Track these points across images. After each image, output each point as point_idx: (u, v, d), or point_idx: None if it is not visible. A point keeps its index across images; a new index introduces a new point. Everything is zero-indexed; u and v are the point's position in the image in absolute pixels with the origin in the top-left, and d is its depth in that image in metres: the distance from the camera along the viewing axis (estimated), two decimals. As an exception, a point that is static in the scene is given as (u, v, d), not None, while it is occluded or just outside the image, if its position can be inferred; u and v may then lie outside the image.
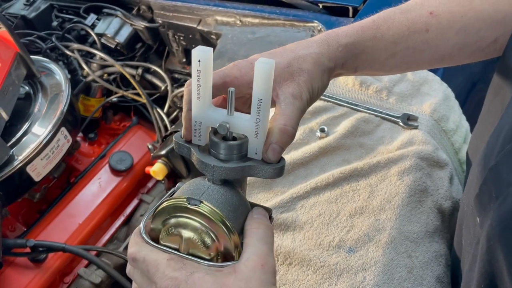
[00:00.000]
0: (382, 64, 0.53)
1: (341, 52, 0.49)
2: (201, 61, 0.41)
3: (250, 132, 0.43)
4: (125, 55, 1.27)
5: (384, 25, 0.52)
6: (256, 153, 0.44)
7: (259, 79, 0.40)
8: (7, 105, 0.95)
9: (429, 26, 0.51)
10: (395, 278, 0.58)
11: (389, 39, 0.51)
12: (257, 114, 0.42)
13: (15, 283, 0.93)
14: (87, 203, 1.07)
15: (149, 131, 1.24)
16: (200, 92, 0.42)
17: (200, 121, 0.43)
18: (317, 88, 0.46)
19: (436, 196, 0.69)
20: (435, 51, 0.52)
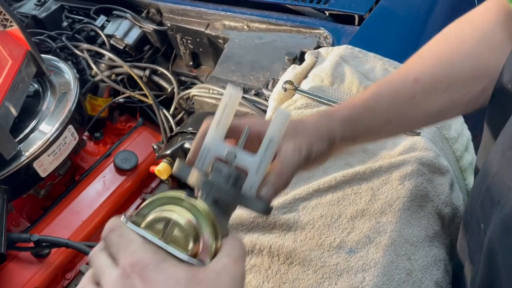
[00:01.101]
0: (379, 131, 0.57)
1: (338, 126, 0.54)
2: (231, 97, 0.47)
3: (253, 166, 0.46)
4: (133, 56, 1.29)
5: (373, 98, 0.56)
6: (251, 190, 0.46)
7: (275, 122, 0.46)
8: (17, 102, 0.96)
9: (415, 91, 0.55)
10: (395, 279, 0.59)
11: (380, 110, 0.55)
12: (264, 152, 0.46)
13: (18, 277, 0.94)
14: (91, 200, 1.08)
15: (154, 132, 1.25)
16: (220, 122, 0.47)
17: (210, 148, 0.47)
18: (316, 151, 0.51)
19: (437, 202, 0.70)
20: (426, 112, 0.56)
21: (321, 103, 0.85)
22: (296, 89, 0.87)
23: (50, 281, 0.98)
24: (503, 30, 0.54)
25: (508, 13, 0.53)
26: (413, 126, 0.60)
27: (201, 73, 1.29)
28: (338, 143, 0.54)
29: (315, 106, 0.85)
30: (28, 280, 0.94)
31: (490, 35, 0.55)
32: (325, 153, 0.53)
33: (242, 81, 1.05)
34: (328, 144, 0.53)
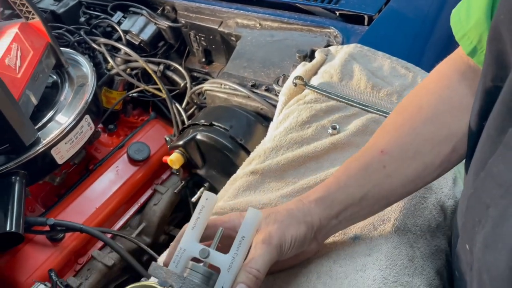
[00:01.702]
0: (359, 206, 0.56)
1: (314, 207, 0.54)
2: (207, 200, 0.52)
3: (225, 265, 0.49)
4: (148, 52, 1.33)
5: (343, 175, 0.57)
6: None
7: (247, 220, 0.51)
8: (37, 91, 1.00)
9: (384, 162, 0.56)
10: (397, 264, 0.62)
11: (353, 185, 0.55)
12: (236, 249, 0.50)
13: (33, 260, 0.98)
14: (104, 189, 1.12)
15: (166, 126, 1.29)
16: (196, 224, 0.51)
17: (185, 249, 0.51)
18: (290, 237, 0.51)
19: (440, 194, 0.73)
20: (401, 179, 0.56)
21: (330, 98, 0.88)
22: (306, 84, 0.91)
23: (64, 264, 1.01)
24: (460, 88, 0.55)
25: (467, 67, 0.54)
26: (393, 197, 0.59)
27: (213, 69, 1.33)
28: (319, 226, 0.54)
29: (324, 101, 0.88)
30: (42, 263, 0.98)
31: (446, 97, 0.56)
32: (305, 238, 0.53)
33: (253, 77, 1.09)
34: (306, 227, 0.53)
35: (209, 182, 1.04)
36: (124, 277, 1.10)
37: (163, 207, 1.15)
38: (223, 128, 0.98)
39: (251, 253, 0.50)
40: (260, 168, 0.78)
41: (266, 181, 0.77)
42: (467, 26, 0.50)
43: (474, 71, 0.54)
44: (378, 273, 0.60)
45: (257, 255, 0.49)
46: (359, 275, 0.60)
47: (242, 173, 0.79)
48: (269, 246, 0.50)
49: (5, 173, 0.93)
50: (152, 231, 1.14)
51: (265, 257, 0.49)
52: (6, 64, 0.92)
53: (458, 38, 0.52)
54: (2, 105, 0.85)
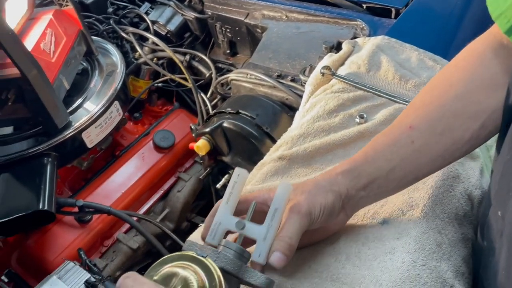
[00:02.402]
0: (387, 180, 0.57)
1: (341, 178, 0.55)
2: (239, 176, 0.55)
3: (261, 235, 0.51)
4: (174, 43, 1.35)
5: (371, 150, 0.58)
6: (260, 257, 0.51)
7: (278, 193, 0.53)
8: (69, 76, 1.03)
9: (413, 137, 0.56)
10: (426, 248, 0.62)
11: (381, 158, 0.56)
12: (270, 220, 0.52)
13: (61, 240, 1.01)
14: (130, 175, 1.14)
15: (190, 115, 1.31)
16: (229, 199, 0.54)
17: (220, 222, 0.53)
18: (319, 205, 0.53)
19: (467, 184, 0.73)
20: (429, 154, 0.57)
21: (357, 88, 0.89)
22: (333, 74, 0.91)
23: (90, 246, 1.04)
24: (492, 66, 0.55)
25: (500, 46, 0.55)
26: (421, 172, 0.59)
27: (237, 61, 1.34)
28: (347, 195, 0.55)
29: (352, 91, 0.89)
30: (70, 243, 1.01)
31: (477, 74, 0.56)
32: (334, 206, 0.54)
33: (279, 68, 1.10)
34: (334, 195, 0.54)
35: (234, 169, 1.06)
36: (147, 261, 1.12)
37: (186, 194, 1.17)
38: (250, 116, 0.99)
39: (283, 223, 0.52)
40: (287, 154, 0.79)
41: (293, 167, 0.78)
42: (504, 5, 0.51)
43: (508, 50, 0.54)
44: (407, 256, 0.61)
45: (288, 224, 0.51)
46: (388, 257, 0.60)
47: (269, 159, 0.81)
48: (299, 214, 0.52)
49: (37, 154, 0.96)
50: (175, 218, 1.16)
51: (296, 225, 0.51)
52: (41, 48, 0.95)
53: (494, 17, 0.52)
54: (38, 87, 0.88)
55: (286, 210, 0.53)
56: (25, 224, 0.90)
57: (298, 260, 0.63)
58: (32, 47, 0.93)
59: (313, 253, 0.64)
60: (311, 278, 0.61)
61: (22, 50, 0.85)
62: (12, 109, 0.93)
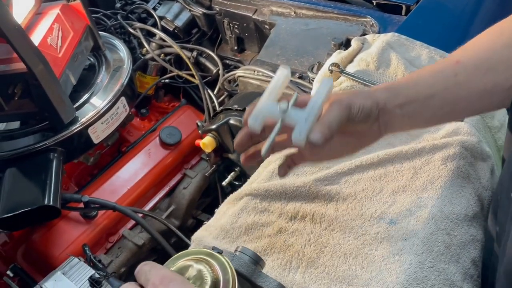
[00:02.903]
0: (424, 105, 0.58)
1: (380, 92, 0.57)
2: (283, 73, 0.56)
3: (302, 117, 0.53)
4: (181, 38, 1.34)
5: (414, 74, 0.59)
6: (300, 134, 0.52)
7: (321, 86, 0.55)
8: (76, 71, 1.03)
9: (457, 71, 0.57)
10: (434, 250, 0.61)
11: (423, 84, 0.57)
12: (312, 106, 0.53)
13: (67, 235, 1.01)
14: (136, 171, 1.14)
15: (197, 112, 1.30)
16: (272, 91, 0.55)
17: (263, 107, 0.54)
18: (358, 103, 0.55)
19: (477, 185, 0.72)
20: (469, 91, 0.57)
21: (366, 86, 0.88)
22: (342, 71, 0.90)
23: (95, 242, 1.04)
24: None
25: None
26: (458, 108, 0.60)
27: (245, 58, 1.33)
28: (383, 107, 0.56)
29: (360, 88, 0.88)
30: (75, 239, 1.01)
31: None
32: (371, 111, 0.55)
33: (287, 64, 1.09)
34: (372, 102, 0.55)
35: (240, 166, 1.05)
36: (152, 258, 1.12)
37: (192, 191, 1.16)
38: (256, 114, 0.98)
39: (323, 112, 0.54)
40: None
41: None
42: None
43: None
44: (415, 257, 0.60)
45: (328, 112, 0.53)
46: (395, 259, 0.59)
47: (275, 157, 0.80)
48: (339, 106, 0.53)
49: (43, 149, 0.95)
50: (181, 214, 1.15)
51: (336, 114, 0.53)
52: (48, 43, 0.95)
53: None
54: (44, 82, 0.87)
55: (326, 104, 0.54)
56: (30, 219, 0.90)
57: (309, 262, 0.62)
58: (39, 42, 0.93)
59: (322, 252, 0.63)
60: (319, 279, 0.60)
61: (29, 45, 0.85)
62: (18, 104, 0.92)
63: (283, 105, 0.53)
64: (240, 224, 0.71)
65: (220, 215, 0.76)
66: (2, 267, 1.03)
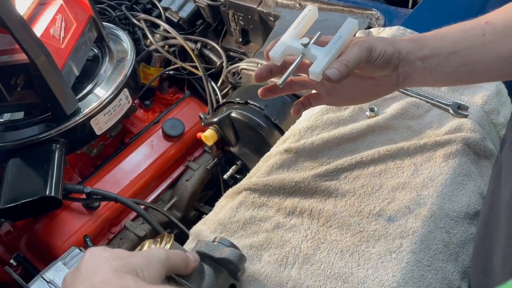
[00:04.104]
0: (447, 61, 0.57)
1: (405, 42, 0.57)
2: (310, 11, 0.58)
3: (322, 53, 0.54)
4: (186, 30, 1.34)
5: (442, 30, 0.59)
6: (317, 68, 0.53)
7: (345, 25, 0.56)
8: (78, 62, 1.03)
9: (485, 31, 0.56)
10: (432, 249, 0.61)
11: (449, 40, 0.57)
12: (333, 44, 0.54)
13: (69, 225, 1.02)
14: (139, 162, 1.14)
15: (201, 104, 1.30)
16: (297, 27, 0.57)
17: (285, 41, 0.56)
18: (380, 48, 0.55)
19: (479, 182, 0.71)
20: (493, 52, 0.57)
21: (369, 80, 0.87)
22: (345, 65, 0.89)
23: (97, 232, 1.05)
24: None
25: None
26: (479, 66, 0.58)
27: (249, 50, 1.32)
28: (405, 57, 0.56)
29: (363, 83, 0.87)
30: (78, 229, 1.02)
31: None
32: (392, 57, 0.55)
33: (291, 58, 1.08)
34: (394, 49, 0.55)
35: (241, 160, 1.05)
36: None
37: (195, 183, 1.17)
38: (258, 107, 0.98)
39: (344, 52, 0.54)
40: (294, 146, 0.78)
41: (299, 160, 0.77)
42: None
43: None
44: (412, 256, 0.59)
45: (348, 51, 0.54)
46: (392, 257, 0.59)
47: (276, 151, 0.79)
48: (360, 47, 0.54)
49: (46, 140, 0.96)
50: (183, 206, 1.16)
51: (356, 53, 0.54)
52: (51, 34, 0.95)
53: None
54: (46, 73, 0.88)
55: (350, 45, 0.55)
56: (32, 209, 0.90)
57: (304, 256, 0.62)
58: (41, 32, 0.92)
59: (318, 249, 0.63)
60: (315, 275, 0.59)
61: (31, 36, 0.85)
62: (21, 95, 0.93)
63: (305, 40, 0.54)
64: (238, 219, 0.70)
65: (218, 209, 0.75)
66: (6, 256, 1.05)
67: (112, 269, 0.40)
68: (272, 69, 0.60)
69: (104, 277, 0.39)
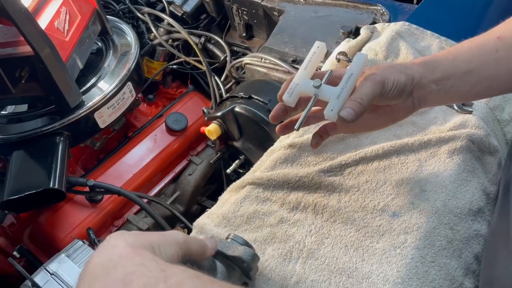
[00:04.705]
0: (462, 80, 0.57)
1: (417, 66, 0.57)
2: (319, 48, 0.59)
3: (335, 94, 0.55)
4: (190, 24, 1.33)
5: (454, 49, 0.58)
6: (332, 111, 0.54)
7: (355, 61, 0.57)
8: (83, 55, 1.03)
9: (498, 47, 0.56)
10: (436, 245, 0.61)
11: (462, 59, 0.57)
12: (345, 83, 0.56)
13: (72, 218, 1.02)
14: (142, 156, 1.14)
15: (204, 98, 1.30)
16: (307, 66, 0.59)
17: (298, 83, 0.58)
18: (393, 79, 0.55)
19: (483, 179, 0.71)
20: (508, 67, 0.56)
21: (373, 76, 0.86)
22: (349, 60, 0.89)
23: (100, 225, 1.05)
24: None
25: None
26: (496, 82, 0.58)
27: (253, 44, 1.32)
28: (419, 82, 0.56)
29: (368, 79, 0.86)
30: (80, 222, 1.02)
31: None
32: (405, 86, 0.55)
33: (294, 52, 1.07)
34: (406, 77, 0.55)
35: (244, 154, 1.05)
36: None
37: (198, 177, 1.17)
38: (262, 102, 0.98)
39: (357, 88, 0.55)
40: (298, 141, 0.78)
41: (303, 155, 0.77)
42: None
43: None
44: (416, 252, 0.59)
45: (361, 88, 0.54)
46: (397, 252, 0.59)
47: (279, 146, 0.79)
48: (373, 81, 0.54)
49: (50, 133, 0.96)
50: (186, 200, 1.16)
51: (369, 89, 0.54)
52: (55, 27, 0.95)
53: None
54: (51, 66, 0.87)
55: (360, 79, 0.56)
56: (36, 201, 0.91)
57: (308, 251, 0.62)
58: (46, 25, 0.92)
59: (322, 243, 0.63)
60: (319, 270, 0.60)
61: (36, 28, 0.85)
62: (25, 87, 0.93)
63: (317, 83, 0.56)
64: (242, 213, 0.70)
65: (222, 203, 0.75)
66: (9, 248, 1.05)
67: (128, 244, 0.40)
68: (287, 108, 0.61)
69: (121, 251, 0.39)
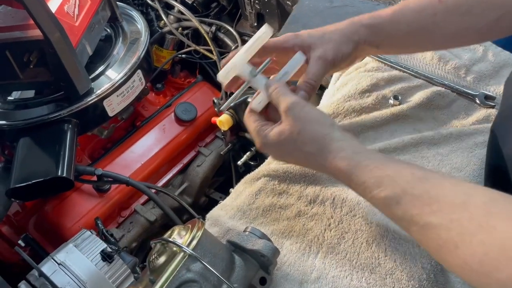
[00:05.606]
0: (400, 41, 0.64)
1: (364, 29, 0.62)
2: (264, 33, 0.60)
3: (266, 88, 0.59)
4: (200, 12, 1.31)
5: (400, 11, 0.63)
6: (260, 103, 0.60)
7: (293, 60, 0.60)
8: (92, 41, 1.00)
9: (437, 10, 0.61)
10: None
11: (404, 21, 0.62)
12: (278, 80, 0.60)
13: (79, 207, 1.00)
14: (150, 146, 1.12)
15: (213, 89, 1.27)
16: (249, 49, 0.59)
17: (236, 65, 0.59)
18: (342, 54, 0.61)
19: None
20: (443, 32, 0.61)
21: (392, 68, 0.84)
22: (367, 52, 0.86)
23: (108, 215, 1.03)
24: None
25: None
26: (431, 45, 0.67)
27: (265, 35, 1.29)
28: (362, 47, 0.62)
29: (386, 70, 0.84)
30: (88, 211, 1.00)
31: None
32: (350, 55, 0.61)
33: (309, 43, 1.05)
34: (353, 44, 0.61)
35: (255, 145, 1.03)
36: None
37: (206, 169, 1.15)
38: (276, 92, 0.95)
39: (309, 67, 0.60)
40: (315, 133, 0.75)
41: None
42: None
43: None
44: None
45: (315, 69, 0.59)
46: (421, 248, 0.57)
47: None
48: (325, 62, 0.60)
49: (58, 120, 0.94)
50: (194, 192, 1.14)
51: (322, 71, 0.60)
52: (65, 11, 0.92)
53: None
54: (60, 51, 0.85)
55: (314, 57, 0.60)
56: (43, 190, 0.88)
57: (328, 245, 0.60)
58: (56, 9, 0.90)
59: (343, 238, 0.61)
60: (340, 265, 0.58)
61: (46, 12, 0.82)
62: (34, 73, 0.90)
63: (254, 71, 0.58)
64: (257, 205, 0.69)
65: (236, 194, 0.74)
66: (14, 237, 1.03)
67: None
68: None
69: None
